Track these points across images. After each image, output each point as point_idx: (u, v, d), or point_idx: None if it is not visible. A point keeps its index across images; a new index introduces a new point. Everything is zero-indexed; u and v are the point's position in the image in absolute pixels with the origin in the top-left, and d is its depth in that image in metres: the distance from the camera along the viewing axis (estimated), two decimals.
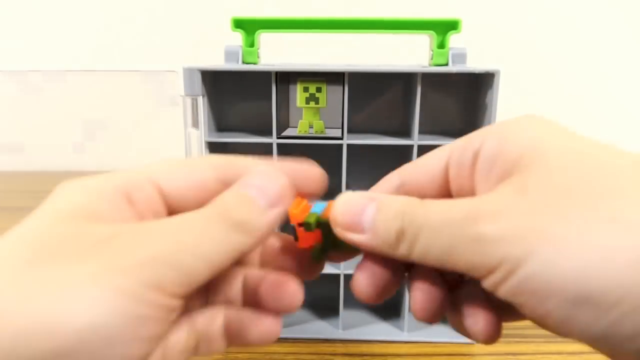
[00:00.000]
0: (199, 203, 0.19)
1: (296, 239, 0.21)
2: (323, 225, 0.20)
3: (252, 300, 0.21)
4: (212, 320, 0.20)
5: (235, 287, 0.21)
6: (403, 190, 0.22)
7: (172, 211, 0.20)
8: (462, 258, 0.17)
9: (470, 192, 0.20)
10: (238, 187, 0.19)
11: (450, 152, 0.21)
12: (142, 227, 0.17)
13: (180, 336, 0.19)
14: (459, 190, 0.21)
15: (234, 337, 0.21)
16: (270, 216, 0.18)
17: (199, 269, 0.17)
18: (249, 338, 0.20)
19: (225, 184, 0.19)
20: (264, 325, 0.20)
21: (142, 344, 0.16)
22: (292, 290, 0.20)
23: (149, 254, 0.16)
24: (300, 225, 0.20)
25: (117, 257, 0.16)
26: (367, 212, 0.19)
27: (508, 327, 0.45)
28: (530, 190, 0.16)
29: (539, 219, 0.15)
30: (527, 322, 0.46)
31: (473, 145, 0.20)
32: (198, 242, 0.17)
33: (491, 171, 0.19)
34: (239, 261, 0.22)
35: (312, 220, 0.20)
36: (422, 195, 0.20)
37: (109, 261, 0.16)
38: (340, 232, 0.19)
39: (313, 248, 0.21)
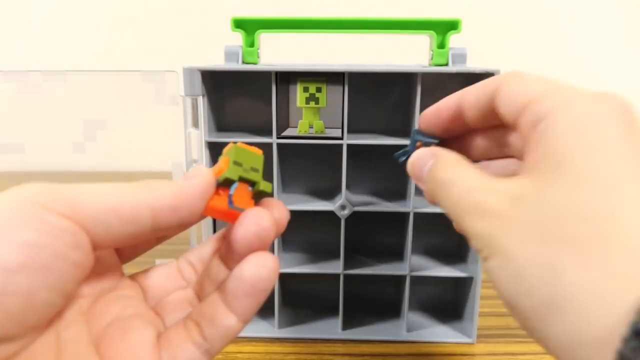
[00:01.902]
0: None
1: (231, 202, 0.22)
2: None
3: None
4: None
5: None
6: (459, 111, 0.25)
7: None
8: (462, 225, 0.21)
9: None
10: None
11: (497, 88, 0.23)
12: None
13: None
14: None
15: None
16: (184, 182, 0.21)
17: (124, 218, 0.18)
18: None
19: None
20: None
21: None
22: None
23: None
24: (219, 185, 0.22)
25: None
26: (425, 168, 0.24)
27: (508, 327, 0.45)
28: (535, 208, 0.18)
29: (517, 236, 0.18)
30: None
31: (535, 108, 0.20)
32: (124, 194, 0.19)
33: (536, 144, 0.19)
34: None
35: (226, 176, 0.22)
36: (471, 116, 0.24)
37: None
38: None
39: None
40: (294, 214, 0.40)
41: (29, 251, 0.16)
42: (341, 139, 0.37)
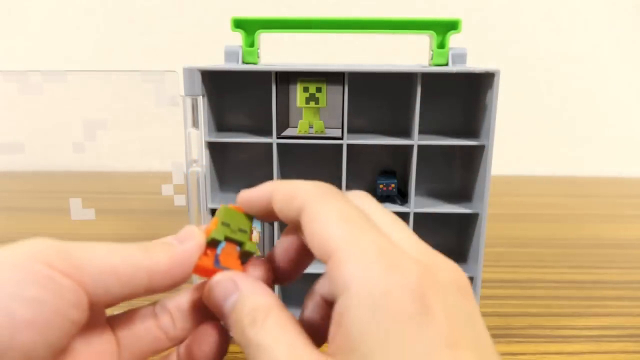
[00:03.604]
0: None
1: (217, 261, 0.22)
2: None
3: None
4: None
5: None
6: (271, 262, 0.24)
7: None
8: None
9: None
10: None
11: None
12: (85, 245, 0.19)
13: None
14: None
15: None
16: (178, 246, 0.21)
17: (118, 277, 0.19)
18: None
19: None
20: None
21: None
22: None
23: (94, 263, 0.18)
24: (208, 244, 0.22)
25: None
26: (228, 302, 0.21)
27: (508, 327, 0.45)
28: None
29: None
30: (527, 322, 0.46)
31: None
32: (121, 256, 0.19)
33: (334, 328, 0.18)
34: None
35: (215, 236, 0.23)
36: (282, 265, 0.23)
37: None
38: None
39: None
40: None
41: (35, 308, 0.17)
42: (341, 139, 0.37)
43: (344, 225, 0.19)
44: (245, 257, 0.23)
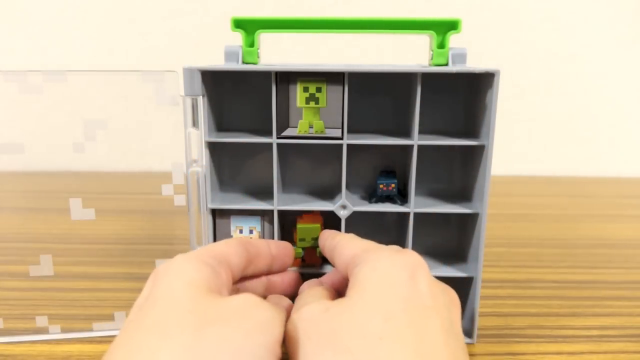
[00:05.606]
0: (241, 266, 0.31)
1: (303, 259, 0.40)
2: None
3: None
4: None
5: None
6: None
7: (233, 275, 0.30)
8: None
9: None
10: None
11: None
12: (248, 308, 0.25)
13: None
14: None
15: None
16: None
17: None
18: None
19: (248, 252, 0.32)
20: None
21: None
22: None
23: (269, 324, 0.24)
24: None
25: (249, 324, 0.23)
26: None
27: (508, 327, 0.45)
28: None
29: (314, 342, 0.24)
30: (527, 322, 0.46)
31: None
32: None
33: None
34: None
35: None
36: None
37: (247, 327, 0.23)
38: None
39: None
40: (294, 214, 0.40)
41: None
42: (341, 139, 0.37)
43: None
44: (322, 256, 0.37)
